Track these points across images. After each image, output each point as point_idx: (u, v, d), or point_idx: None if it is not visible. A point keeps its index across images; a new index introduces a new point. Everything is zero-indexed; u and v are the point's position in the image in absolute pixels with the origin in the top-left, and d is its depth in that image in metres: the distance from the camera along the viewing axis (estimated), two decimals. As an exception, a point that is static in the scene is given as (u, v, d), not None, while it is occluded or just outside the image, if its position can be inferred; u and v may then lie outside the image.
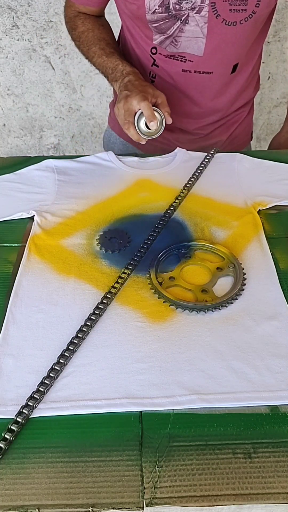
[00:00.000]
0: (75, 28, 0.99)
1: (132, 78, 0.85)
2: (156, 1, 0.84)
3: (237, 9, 0.84)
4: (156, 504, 0.45)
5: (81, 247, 0.75)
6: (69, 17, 1.01)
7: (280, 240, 0.76)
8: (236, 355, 0.58)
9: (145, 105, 0.78)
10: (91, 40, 0.96)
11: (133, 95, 0.80)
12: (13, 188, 0.87)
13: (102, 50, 0.93)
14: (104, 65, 0.92)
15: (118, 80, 0.87)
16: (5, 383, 0.56)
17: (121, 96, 0.82)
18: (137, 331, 0.61)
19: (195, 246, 0.74)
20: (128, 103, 0.80)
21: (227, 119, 1.06)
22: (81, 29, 0.98)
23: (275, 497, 0.46)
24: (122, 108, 0.81)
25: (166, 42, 0.90)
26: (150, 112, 0.78)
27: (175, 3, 0.83)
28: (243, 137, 1.15)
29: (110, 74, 0.90)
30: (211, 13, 0.83)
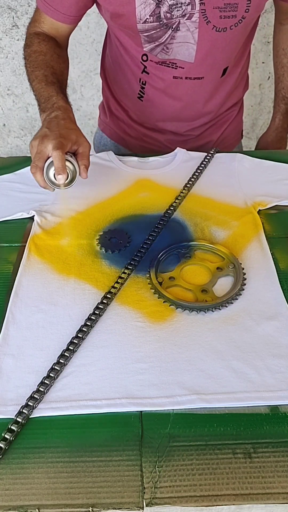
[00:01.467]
0: (30, 45, 0.92)
1: (59, 115, 0.76)
2: (146, 10, 0.82)
3: (227, 16, 0.83)
4: (156, 504, 0.45)
5: (81, 247, 0.75)
6: (29, 33, 0.94)
7: (280, 240, 0.76)
8: (236, 355, 0.58)
9: (57, 155, 0.69)
10: (39, 63, 0.89)
11: (51, 138, 0.71)
12: (13, 188, 0.87)
13: (45, 77, 0.86)
14: (40, 92, 0.85)
15: (46, 111, 0.80)
16: (5, 383, 0.56)
17: (39, 134, 0.74)
18: (137, 331, 0.61)
19: (195, 246, 0.74)
20: (43, 145, 0.71)
21: (218, 119, 1.06)
22: (35, 48, 0.91)
23: (275, 497, 0.46)
24: (35, 147, 0.72)
25: (157, 49, 0.88)
26: (61, 164, 0.69)
27: (166, 12, 0.82)
28: (234, 136, 1.15)
29: (42, 103, 0.83)
30: (201, 19, 0.82)
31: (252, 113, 1.96)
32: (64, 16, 0.90)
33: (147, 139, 1.08)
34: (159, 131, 1.06)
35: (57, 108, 0.79)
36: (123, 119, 1.08)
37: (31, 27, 0.95)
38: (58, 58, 0.91)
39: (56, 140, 0.70)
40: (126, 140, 1.11)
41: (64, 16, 0.90)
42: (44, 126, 0.75)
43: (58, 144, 0.70)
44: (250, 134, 2.01)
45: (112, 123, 1.11)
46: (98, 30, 1.70)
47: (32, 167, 0.72)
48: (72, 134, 0.74)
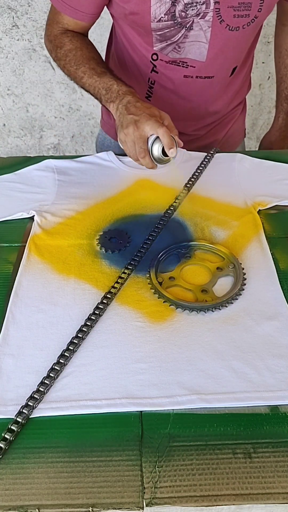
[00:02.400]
0: (61, 46, 0.92)
1: (131, 99, 0.79)
2: (162, 9, 0.82)
3: (240, 15, 0.83)
4: (156, 504, 0.45)
5: (81, 247, 0.75)
6: (54, 35, 0.94)
7: (280, 240, 0.76)
8: (236, 355, 0.58)
9: (164, 132, 0.73)
10: (80, 59, 0.89)
11: (143, 120, 0.75)
12: (13, 188, 0.87)
13: (93, 69, 0.87)
14: (95, 85, 0.86)
15: (114, 101, 0.82)
16: (5, 383, 0.56)
17: (127, 121, 0.76)
18: (137, 331, 0.61)
19: (195, 246, 0.74)
20: (140, 130, 0.75)
21: (223, 118, 1.07)
22: (69, 47, 0.91)
23: (275, 497, 0.46)
24: (132, 134, 0.76)
25: (168, 48, 0.88)
26: (170, 139, 0.73)
27: (181, 11, 0.82)
28: (238, 135, 1.16)
29: (104, 94, 0.84)
30: (215, 18, 0.83)
31: (252, 113, 1.96)
32: (83, 15, 0.90)
33: None
34: None
35: (124, 93, 0.81)
36: None
37: (54, 29, 0.94)
38: (94, 49, 0.93)
39: (151, 120, 0.74)
40: None
41: (83, 14, 0.90)
42: (126, 114, 0.78)
43: (156, 123, 0.74)
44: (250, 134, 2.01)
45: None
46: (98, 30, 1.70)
47: (140, 152, 0.76)
48: (155, 110, 0.78)
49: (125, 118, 0.77)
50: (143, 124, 0.74)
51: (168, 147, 0.74)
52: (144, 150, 0.76)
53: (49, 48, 0.96)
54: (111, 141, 1.14)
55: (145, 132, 0.74)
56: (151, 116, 0.75)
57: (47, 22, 0.96)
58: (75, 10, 0.89)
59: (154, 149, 0.75)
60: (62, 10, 0.90)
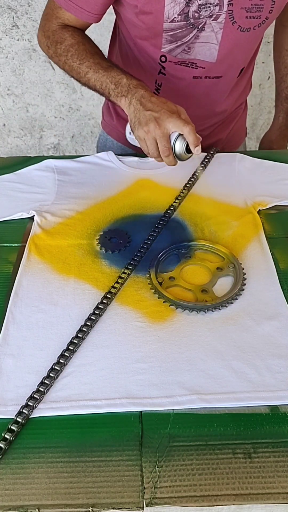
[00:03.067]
0: (62, 41, 0.88)
1: (145, 93, 0.77)
2: (176, 9, 0.80)
3: (252, 16, 0.83)
4: (156, 504, 0.45)
5: (81, 247, 0.75)
6: (53, 30, 0.89)
7: (280, 240, 0.76)
8: (236, 355, 0.58)
9: (190, 130, 0.72)
10: (83, 53, 0.86)
11: (165, 117, 0.73)
12: (13, 188, 0.87)
13: (98, 64, 0.84)
14: (103, 80, 0.82)
15: (126, 95, 0.79)
16: (5, 383, 0.56)
17: (147, 118, 0.74)
18: (137, 331, 0.61)
19: (195, 246, 0.74)
20: (162, 127, 0.73)
21: (227, 118, 1.07)
22: (70, 42, 0.87)
23: (275, 497, 0.46)
24: (153, 131, 0.73)
25: (178, 50, 0.87)
26: (196, 136, 0.72)
27: (194, 11, 0.81)
28: (240, 134, 1.16)
29: (114, 89, 0.81)
30: (227, 20, 0.82)
31: (252, 113, 1.96)
32: (88, 14, 0.87)
33: None
34: None
35: (135, 87, 0.79)
36: None
37: (52, 24, 0.90)
38: (95, 45, 0.90)
39: (173, 117, 0.73)
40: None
41: (88, 14, 0.87)
42: (143, 110, 0.75)
43: (181, 120, 0.73)
44: (250, 134, 2.01)
45: (119, 125, 1.11)
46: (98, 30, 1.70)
47: (165, 150, 0.75)
48: (172, 105, 0.76)
49: (142, 115, 0.75)
50: (164, 121, 0.73)
51: (194, 145, 0.73)
52: (168, 149, 0.75)
53: (46, 44, 0.91)
54: (113, 142, 1.14)
55: (168, 129, 0.73)
56: (171, 112, 0.74)
57: (43, 16, 0.91)
58: (81, 9, 0.86)
59: (177, 147, 0.75)
60: (67, 8, 0.87)
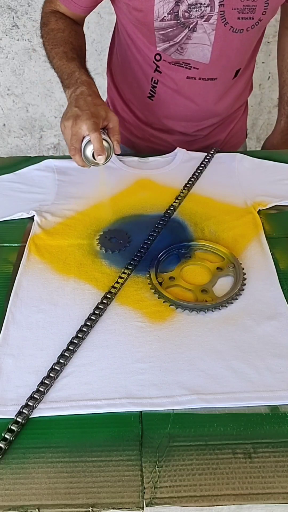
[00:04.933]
0: (47, 24, 0.93)
1: (85, 91, 0.78)
2: (165, 8, 0.81)
3: (245, 17, 0.83)
4: (156, 504, 0.45)
5: (81, 247, 0.75)
6: (45, 12, 0.96)
7: (280, 240, 0.76)
8: (236, 355, 0.58)
9: (96, 137, 0.72)
10: (58, 40, 0.90)
11: (84, 118, 0.73)
12: (13, 188, 0.87)
13: (65, 53, 0.87)
14: (61, 68, 0.86)
15: (70, 87, 0.81)
16: (5, 383, 0.56)
17: (70, 114, 0.75)
18: (137, 331, 0.61)
19: (195, 246, 0.74)
20: (77, 127, 0.73)
21: (225, 119, 1.07)
22: (52, 26, 0.92)
23: (275, 497, 0.46)
24: (69, 129, 0.74)
25: (171, 49, 0.88)
26: (100, 145, 0.72)
27: (184, 11, 0.81)
28: (240, 135, 1.16)
29: (65, 79, 0.84)
30: (219, 21, 0.83)
31: (252, 113, 1.96)
32: (76, 6, 0.92)
33: (154, 140, 1.08)
34: (167, 132, 1.06)
35: (81, 83, 0.80)
36: (130, 120, 1.08)
37: (47, 7, 0.96)
38: (76, 35, 0.93)
39: (90, 120, 0.72)
40: (133, 141, 1.10)
41: (76, 6, 0.92)
42: (73, 105, 0.76)
43: (93, 125, 0.72)
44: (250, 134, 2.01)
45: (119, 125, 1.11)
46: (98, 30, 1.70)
47: (71, 149, 0.75)
48: (101, 110, 0.76)
49: (70, 109, 0.76)
50: (82, 121, 0.73)
51: (97, 153, 0.73)
52: (75, 149, 0.74)
53: (40, 24, 0.96)
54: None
55: (82, 130, 0.73)
56: (93, 115, 0.74)
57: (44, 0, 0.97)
58: (71, 1, 0.91)
59: (86, 151, 0.74)
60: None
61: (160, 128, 1.06)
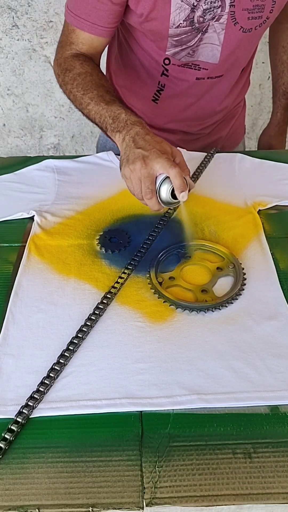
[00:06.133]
0: (71, 69, 0.86)
1: (140, 131, 0.72)
2: (181, 15, 0.80)
3: (254, 17, 0.83)
4: (156, 504, 0.45)
5: (81, 247, 0.75)
6: (65, 57, 0.88)
7: (280, 240, 0.76)
8: (236, 355, 0.58)
9: (177, 173, 0.65)
10: (89, 84, 0.83)
11: (153, 156, 0.67)
12: (13, 188, 0.87)
13: (101, 96, 0.80)
14: (102, 113, 0.79)
15: (121, 131, 0.74)
16: (5, 383, 0.56)
17: (135, 156, 0.69)
18: (137, 331, 0.61)
19: (195, 246, 0.74)
20: (148, 167, 0.67)
21: (227, 116, 1.07)
22: (79, 71, 0.85)
23: (275, 497, 0.46)
24: (138, 171, 0.68)
25: (182, 53, 0.87)
26: (182, 181, 0.66)
27: (199, 16, 0.81)
28: (240, 131, 1.17)
29: (111, 124, 0.77)
30: (229, 21, 0.82)
31: (252, 113, 1.96)
32: (101, 29, 0.85)
33: None
34: (170, 132, 1.05)
35: (132, 123, 0.74)
36: None
37: (65, 51, 0.89)
38: (103, 76, 0.88)
39: (162, 157, 0.67)
40: None
41: (101, 28, 0.85)
42: (133, 147, 0.70)
43: (169, 162, 0.67)
44: (250, 134, 2.01)
45: None
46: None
47: (147, 193, 0.68)
48: (166, 146, 0.71)
49: (132, 152, 0.70)
50: (152, 161, 0.67)
51: (180, 190, 0.66)
52: (152, 191, 0.68)
53: (57, 72, 0.90)
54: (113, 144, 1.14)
55: (154, 170, 0.67)
56: (162, 152, 0.68)
57: (58, 45, 0.91)
58: (94, 25, 0.85)
59: (162, 191, 0.68)
60: (80, 26, 0.85)
61: (163, 129, 1.06)
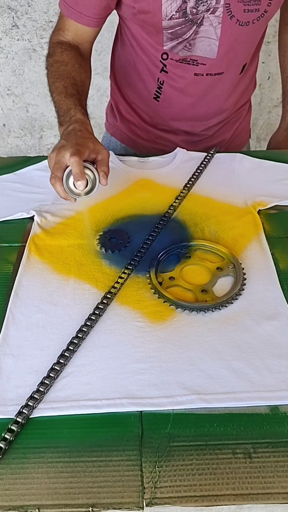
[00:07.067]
0: (52, 55, 0.91)
1: (76, 127, 0.75)
2: (173, 6, 0.81)
3: (250, 9, 0.83)
4: (156, 504, 0.45)
5: (81, 247, 0.75)
6: (52, 42, 0.93)
7: (280, 240, 0.76)
8: (236, 355, 0.58)
9: (74, 162, 0.67)
10: (60, 74, 0.87)
11: (68, 147, 0.69)
12: (13, 188, 0.87)
13: (65, 88, 0.84)
14: (59, 104, 0.83)
15: (64, 125, 0.79)
16: (5, 383, 0.56)
17: (57, 145, 0.73)
18: (137, 331, 0.61)
19: (195, 246, 0.74)
20: (60, 155, 0.69)
21: (231, 118, 1.07)
22: (57, 58, 0.89)
23: (275, 497, 0.46)
24: (53, 159, 0.71)
25: (179, 47, 0.88)
26: (79, 170, 0.67)
27: (192, 7, 0.81)
28: (244, 135, 1.16)
29: (61, 116, 0.81)
30: (225, 14, 0.82)
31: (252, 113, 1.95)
32: (88, 19, 0.89)
33: (160, 141, 1.08)
34: (173, 132, 1.05)
35: (75, 121, 0.77)
36: (135, 121, 1.08)
37: (54, 36, 0.93)
38: (79, 68, 0.90)
39: (73, 148, 0.69)
40: (139, 143, 1.10)
41: (88, 19, 0.88)
42: (62, 139, 0.74)
43: (75, 151, 0.68)
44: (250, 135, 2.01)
45: (123, 126, 1.11)
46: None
47: (52, 178, 0.70)
48: (89, 142, 0.73)
49: (58, 143, 0.74)
50: (65, 150, 0.69)
51: (76, 178, 0.68)
52: (55, 177, 0.69)
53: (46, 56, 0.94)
54: (117, 143, 1.14)
55: (64, 158, 0.69)
56: (78, 144, 0.70)
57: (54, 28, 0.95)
58: (80, 14, 0.88)
59: (68, 180, 0.70)
60: (68, 14, 0.89)
61: (166, 129, 1.06)
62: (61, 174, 0.70)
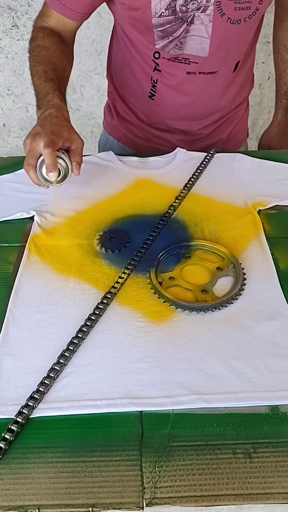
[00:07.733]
0: (35, 39, 0.92)
1: (53, 113, 0.77)
2: (162, 4, 0.81)
3: (241, 7, 0.83)
4: (156, 504, 0.45)
5: (81, 247, 0.75)
6: (36, 27, 0.94)
7: (280, 240, 0.76)
8: (236, 355, 0.58)
9: (47, 153, 0.69)
10: (41, 58, 0.89)
11: (42, 135, 0.71)
12: (13, 188, 0.87)
13: (45, 73, 0.86)
14: (38, 88, 0.85)
15: (41, 108, 0.81)
16: (5, 383, 0.56)
17: (32, 132, 0.74)
18: (137, 331, 0.61)
19: (195, 246, 0.74)
20: (34, 143, 0.71)
21: (227, 117, 1.07)
22: (38, 43, 0.91)
23: (275, 497, 0.46)
24: (28, 145, 0.73)
25: (170, 45, 0.88)
26: (51, 161, 0.69)
27: (181, 5, 0.81)
28: (241, 134, 1.16)
29: (39, 99, 0.83)
30: (216, 12, 0.82)
31: (252, 113, 1.96)
32: (71, 13, 0.90)
33: (157, 140, 1.08)
34: (169, 131, 1.06)
35: (52, 106, 0.79)
36: (131, 120, 1.08)
37: (38, 21, 0.95)
38: (60, 54, 0.91)
39: (47, 137, 0.71)
40: (135, 142, 1.10)
41: (71, 12, 0.90)
42: (38, 124, 0.76)
43: (49, 141, 0.70)
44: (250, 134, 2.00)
45: (120, 125, 1.11)
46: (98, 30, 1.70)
47: (25, 165, 0.73)
48: (64, 131, 0.74)
49: (34, 128, 0.75)
50: (39, 138, 0.71)
51: (48, 169, 0.70)
52: (29, 165, 0.72)
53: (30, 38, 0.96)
54: (114, 142, 1.14)
55: (38, 147, 0.71)
56: (53, 133, 0.72)
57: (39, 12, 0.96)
58: (64, 7, 0.89)
59: (42, 168, 0.72)
60: (51, 4, 0.91)
61: (162, 128, 1.06)
62: (35, 162, 0.72)
